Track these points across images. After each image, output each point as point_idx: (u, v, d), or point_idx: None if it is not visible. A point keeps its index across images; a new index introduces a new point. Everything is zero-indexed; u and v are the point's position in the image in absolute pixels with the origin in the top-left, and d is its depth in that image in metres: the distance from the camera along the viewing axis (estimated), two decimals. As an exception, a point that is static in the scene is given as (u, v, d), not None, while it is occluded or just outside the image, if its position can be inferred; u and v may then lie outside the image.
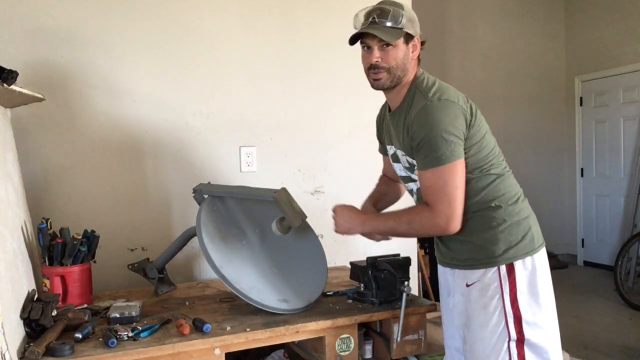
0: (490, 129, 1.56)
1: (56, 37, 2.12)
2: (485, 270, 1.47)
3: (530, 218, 1.53)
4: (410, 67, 1.53)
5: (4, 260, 1.35)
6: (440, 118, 1.42)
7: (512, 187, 1.54)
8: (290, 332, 1.58)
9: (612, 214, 5.83)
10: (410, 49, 1.52)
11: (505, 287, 1.45)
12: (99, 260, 1.95)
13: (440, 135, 1.40)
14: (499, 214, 1.48)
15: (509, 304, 1.44)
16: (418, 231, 1.54)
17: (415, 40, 1.53)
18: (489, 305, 1.46)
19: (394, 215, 1.56)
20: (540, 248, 1.51)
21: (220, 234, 1.79)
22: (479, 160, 1.49)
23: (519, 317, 1.44)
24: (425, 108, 1.44)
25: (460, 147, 1.43)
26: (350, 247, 2.57)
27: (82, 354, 1.35)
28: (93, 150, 2.19)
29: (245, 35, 2.46)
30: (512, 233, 1.47)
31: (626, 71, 5.59)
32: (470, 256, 1.50)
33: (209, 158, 2.39)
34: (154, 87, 2.29)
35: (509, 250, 1.46)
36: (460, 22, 5.74)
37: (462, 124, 1.44)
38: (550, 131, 6.25)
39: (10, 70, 1.38)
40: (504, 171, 1.54)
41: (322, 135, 2.63)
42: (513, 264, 1.46)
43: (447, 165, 1.42)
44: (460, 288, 1.54)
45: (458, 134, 1.42)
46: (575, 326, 3.99)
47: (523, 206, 1.53)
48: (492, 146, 1.53)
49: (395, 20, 1.47)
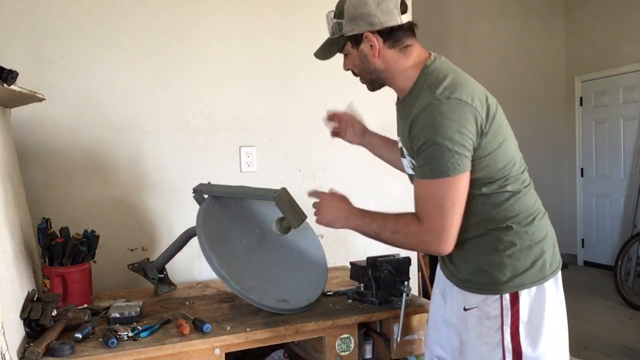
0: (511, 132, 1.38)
1: (56, 37, 2.12)
2: (486, 296, 1.32)
3: (546, 241, 1.35)
4: (384, 62, 1.35)
5: (4, 260, 1.35)
6: (446, 122, 1.21)
7: (530, 205, 1.35)
8: (290, 332, 1.58)
9: (612, 214, 5.83)
10: (365, 49, 1.35)
11: (507, 319, 1.29)
12: (99, 260, 1.95)
13: (444, 144, 1.21)
14: (509, 236, 1.31)
15: (509, 338, 1.29)
16: (402, 244, 1.34)
17: (366, 37, 1.33)
18: (486, 336, 1.31)
19: (382, 218, 1.37)
20: (551, 276, 1.34)
21: (220, 234, 1.79)
22: (492, 175, 1.30)
23: (519, 353, 1.29)
24: (431, 107, 1.24)
25: (466, 160, 1.24)
26: (350, 247, 2.57)
27: (82, 354, 1.35)
28: (93, 150, 2.19)
29: (245, 35, 2.46)
30: (521, 259, 1.30)
31: (626, 71, 5.59)
32: (471, 277, 1.35)
33: (209, 158, 2.39)
34: (154, 87, 2.29)
35: (515, 278, 1.30)
36: (460, 22, 5.74)
37: (473, 131, 1.24)
38: (550, 131, 6.25)
39: (10, 70, 1.37)
40: (521, 187, 1.34)
41: (322, 135, 2.62)
42: (518, 293, 1.29)
43: (448, 179, 1.23)
44: (457, 311, 1.39)
45: (466, 143, 1.23)
46: (575, 326, 3.99)
47: (539, 226, 1.35)
48: (511, 157, 1.33)
49: (331, 31, 1.39)
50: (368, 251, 2.09)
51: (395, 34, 1.33)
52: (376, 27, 1.31)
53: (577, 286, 5.16)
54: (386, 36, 1.33)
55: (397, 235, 1.33)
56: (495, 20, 5.91)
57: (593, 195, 6.10)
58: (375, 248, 2.02)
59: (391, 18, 1.31)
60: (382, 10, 1.30)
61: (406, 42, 1.35)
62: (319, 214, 1.48)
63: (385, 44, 1.34)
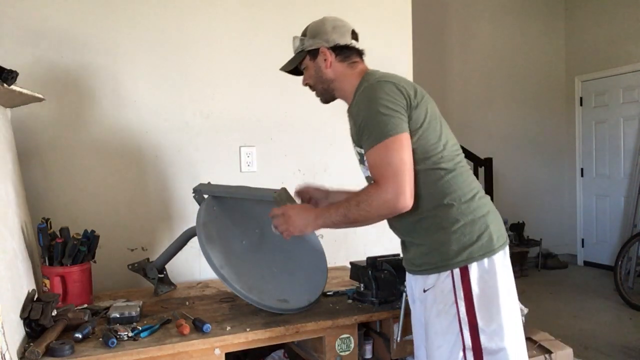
0: (449, 124, 1.50)
1: (56, 37, 2.12)
2: (439, 274, 1.40)
3: (489, 216, 1.44)
4: (334, 73, 1.57)
5: (4, 260, 1.35)
6: (377, 95, 1.39)
7: (467, 183, 1.45)
8: (290, 332, 1.58)
9: (612, 214, 5.83)
10: (320, 61, 1.57)
11: (459, 292, 1.36)
12: (99, 260, 1.95)
13: (379, 111, 1.37)
14: (451, 214, 1.40)
15: (464, 310, 1.36)
16: (368, 212, 1.38)
17: (321, 51, 1.56)
18: (442, 311, 1.38)
19: (345, 201, 1.44)
20: (500, 248, 1.41)
21: (220, 234, 1.79)
22: (426, 150, 1.41)
23: (475, 325, 1.35)
24: (364, 90, 1.44)
25: (402, 122, 1.37)
26: (350, 247, 2.57)
27: (82, 354, 1.35)
28: (93, 150, 2.19)
29: (245, 35, 2.46)
30: (466, 233, 1.39)
31: (626, 71, 5.59)
32: (425, 260, 1.43)
33: (209, 158, 2.39)
34: (154, 87, 2.29)
35: (462, 252, 1.38)
36: (460, 22, 5.74)
37: (402, 100, 1.39)
38: (550, 131, 6.25)
39: (10, 70, 1.38)
40: (456, 166, 1.45)
41: (322, 135, 2.63)
42: (467, 266, 1.37)
43: (390, 139, 1.35)
44: (419, 294, 1.48)
45: (397, 108, 1.37)
46: (575, 326, 3.99)
47: (480, 203, 1.44)
48: (439, 134, 1.45)
49: (295, 47, 1.63)
50: (368, 251, 2.09)
51: (344, 51, 1.57)
52: (330, 43, 1.56)
53: (577, 286, 5.15)
54: (337, 51, 1.57)
55: (362, 206, 1.39)
56: (495, 21, 5.91)
57: (593, 195, 6.10)
58: (375, 248, 2.03)
59: (342, 38, 1.57)
60: (336, 32, 1.57)
61: (354, 59, 1.59)
62: (290, 225, 1.52)
63: (336, 58, 1.57)
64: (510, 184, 5.86)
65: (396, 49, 2.79)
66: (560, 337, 2.09)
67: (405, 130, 1.37)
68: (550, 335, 2.07)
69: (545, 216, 6.18)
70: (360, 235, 2.64)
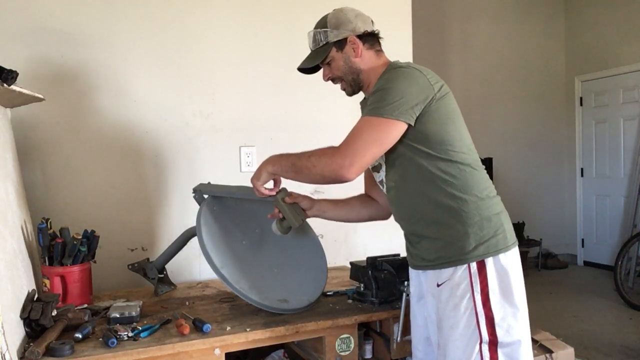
0: (475, 127, 1.48)
1: (56, 37, 2.12)
2: (455, 268, 1.40)
3: (502, 215, 1.46)
4: (364, 62, 1.53)
5: (4, 260, 1.35)
6: (398, 77, 1.39)
7: (484, 181, 1.47)
8: (290, 332, 1.58)
9: (612, 214, 5.83)
10: (349, 51, 1.53)
11: (476, 286, 1.37)
12: (99, 260, 1.95)
13: (391, 88, 1.36)
14: (469, 209, 1.40)
15: (480, 304, 1.36)
16: (314, 166, 1.41)
17: (350, 40, 1.52)
18: (459, 305, 1.38)
19: (301, 152, 1.48)
20: (512, 247, 1.43)
21: (220, 234, 1.79)
22: (451, 144, 1.42)
23: (491, 318, 1.36)
24: (388, 71, 1.44)
25: (407, 114, 1.36)
26: (350, 247, 2.57)
27: (82, 354, 1.35)
28: (93, 150, 2.19)
29: (245, 35, 2.46)
30: (484, 228, 1.40)
31: (626, 71, 5.59)
32: (439, 254, 1.43)
33: (209, 158, 2.39)
34: (154, 87, 2.29)
35: (479, 246, 1.38)
36: (460, 21, 5.74)
37: (420, 93, 1.38)
38: (550, 131, 6.25)
39: (10, 70, 1.37)
40: (475, 164, 1.47)
41: (322, 135, 2.63)
42: (484, 261, 1.38)
43: (382, 119, 1.36)
44: (432, 289, 1.47)
45: (411, 99, 1.36)
46: (575, 326, 3.99)
47: (495, 202, 1.47)
48: (461, 132, 1.46)
49: (316, 42, 1.56)
50: (368, 251, 2.09)
51: (370, 39, 1.55)
52: (357, 31, 1.53)
53: (577, 286, 5.16)
54: (365, 39, 1.54)
55: (312, 159, 1.42)
56: (495, 21, 5.91)
57: (593, 195, 6.10)
58: (375, 248, 2.03)
59: (367, 25, 1.55)
60: (359, 19, 1.54)
61: (378, 47, 1.57)
62: (254, 176, 1.60)
63: (364, 46, 1.54)
64: (510, 184, 5.85)
65: (396, 49, 2.78)
66: (560, 337, 2.09)
67: (405, 120, 1.37)
68: (551, 335, 2.07)
69: (545, 216, 6.18)
70: (360, 235, 2.64)
